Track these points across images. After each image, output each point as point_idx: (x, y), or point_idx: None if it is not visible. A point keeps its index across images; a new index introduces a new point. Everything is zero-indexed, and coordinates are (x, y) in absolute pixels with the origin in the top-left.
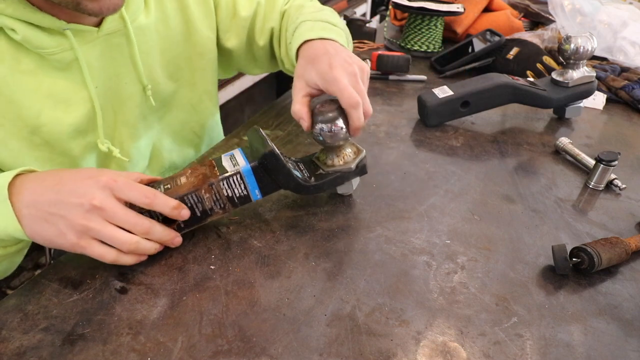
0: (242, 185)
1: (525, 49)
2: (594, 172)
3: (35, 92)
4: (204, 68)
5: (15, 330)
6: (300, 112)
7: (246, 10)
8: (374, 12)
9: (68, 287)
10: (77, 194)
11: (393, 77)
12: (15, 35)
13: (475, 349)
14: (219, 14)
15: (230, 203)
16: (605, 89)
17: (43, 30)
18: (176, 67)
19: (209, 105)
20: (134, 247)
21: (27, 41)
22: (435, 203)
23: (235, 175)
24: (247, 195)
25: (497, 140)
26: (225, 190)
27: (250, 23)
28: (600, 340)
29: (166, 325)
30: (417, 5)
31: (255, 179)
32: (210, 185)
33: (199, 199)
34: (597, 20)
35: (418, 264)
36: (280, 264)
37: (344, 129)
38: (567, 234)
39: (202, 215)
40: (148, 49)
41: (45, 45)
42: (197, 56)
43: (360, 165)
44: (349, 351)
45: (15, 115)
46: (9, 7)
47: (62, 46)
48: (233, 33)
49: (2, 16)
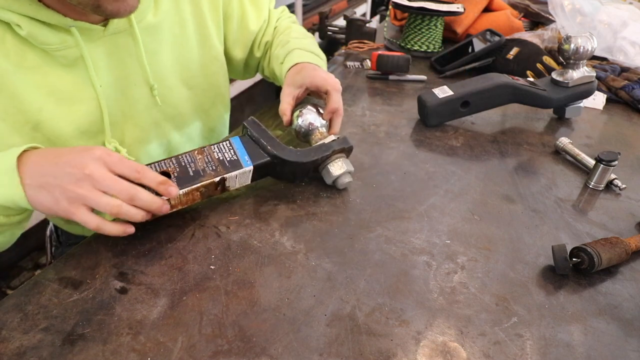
0: (231, 150)
1: (525, 49)
2: (594, 172)
3: (39, 88)
4: (217, 72)
5: (15, 330)
6: (284, 110)
7: (255, 25)
8: (374, 12)
9: (68, 287)
10: (72, 165)
11: (393, 77)
12: (21, 31)
13: (475, 349)
14: (229, 25)
15: (221, 166)
16: (605, 89)
17: (48, 26)
18: (191, 74)
19: (220, 109)
20: (117, 210)
21: (32, 37)
22: (435, 203)
23: (225, 141)
24: (237, 159)
25: (497, 140)
26: (216, 153)
27: (255, 37)
28: (600, 340)
29: (166, 325)
30: (417, 5)
31: (243, 146)
32: (202, 148)
33: (192, 158)
34: (597, 20)
35: (418, 264)
36: (280, 264)
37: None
38: (567, 234)
39: (195, 175)
40: (156, 48)
41: (50, 41)
42: (211, 60)
43: (341, 137)
44: (349, 351)
45: (17, 109)
46: (15, 3)
47: (67, 43)
48: (241, 44)
49: (8, 12)
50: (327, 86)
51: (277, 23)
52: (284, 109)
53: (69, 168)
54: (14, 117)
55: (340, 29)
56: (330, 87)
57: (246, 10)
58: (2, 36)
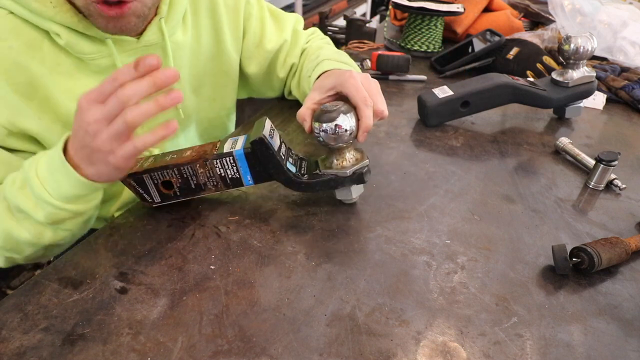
0: (234, 167)
1: (525, 49)
2: (594, 172)
3: (71, 92)
4: (226, 85)
5: (15, 330)
6: (304, 114)
7: (272, 44)
8: (374, 12)
9: (68, 287)
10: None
11: (393, 77)
12: (60, 40)
13: (475, 349)
14: (245, 40)
15: (222, 182)
16: (605, 89)
17: (86, 37)
18: (200, 82)
19: (225, 122)
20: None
21: (70, 46)
22: (435, 203)
23: (228, 156)
24: (239, 178)
25: (497, 140)
26: (218, 169)
27: (274, 55)
28: (600, 340)
29: (166, 325)
30: (417, 5)
31: (247, 164)
32: (205, 161)
33: (194, 172)
34: (597, 20)
35: (418, 264)
36: (280, 264)
37: (345, 130)
38: (567, 234)
39: (196, 188)
40: (181, 63)
41: (86, 50)
42: (222, 74)
43: (358, 172)
44: (349, 351)
45: (50, 109)
46: (58, 15)
47: (102, 52)
48: (254, 61)
49: (51, 22)
50: (357, 99)
51: (307, 45)
52: (302, 114)
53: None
54: (49, 115)
55: (340, 29)
56: (360, 101)
57: (266, 29)
58: (40, 43)
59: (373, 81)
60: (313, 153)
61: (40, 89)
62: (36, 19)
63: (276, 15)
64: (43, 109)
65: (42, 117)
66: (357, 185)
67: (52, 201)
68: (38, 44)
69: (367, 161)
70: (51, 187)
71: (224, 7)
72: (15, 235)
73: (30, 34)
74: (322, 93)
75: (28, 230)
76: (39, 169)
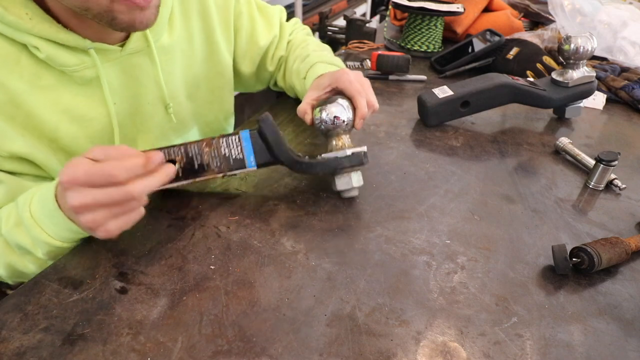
0: (238, 147)
1: (525, 49)
2: (594, 172)
3: (54, 106)
4: (222, 87)
5: (15, 330)
6: (305, 109)
7: (264, 40)
8: (374, 12)
9: (68, 287)
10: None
11: (393, 77)
12: (39, 54)
13: (475, 349)
14: (238, 39)
15: (226, 163)
16: (605, 89)
17: (67, 48)
18: (196, 87)
19: (224, 126)
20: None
21: (51, 59)
22: (435, 203)
23: (234, 136)
24: (242, 159)
25: (497, 140)
26: (223, 148)
27: (265, 51)
28: (600, 340)
29: (166, 325)
30: (417, 5)
31: (251, 144)
32: (212, 139)
33: (200, 150)
34: (597, 20)
35: (418, 264)
36: (280, 264)
37: (343, 121)
38: (567, 234)
39: (199, 169)
40: (171, 68)
41: (68, 63)
42: (217, 75)
43: (356, 153)
44: (349, 351)
45: (34, 126)
46: (36, 27)
47: (85, 64)
48: (248, 58)
49: (27, 35)
50: (352, 91)
51: (292, 36)
52: (303, 109)
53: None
54: (31, 132)
55: (340, 29)
56: (355, 92)
57: (256, 25)
58: (17, 58)
59: (364, 78)
60: (313, 153)
61: (22, 107)
62: (11, 32)
63: (264, 10)
64: (26, 127)
65: (26, 136)
66: (356, 175)
67: (51, 242)
68: (15, 59)
69: (365, 147)
70: (50, 229)
71: (214, 7)
72: (20, 268)
73: (5, 49)
74: (319, 90)
75: (32, 263)
76: (33, 209)
